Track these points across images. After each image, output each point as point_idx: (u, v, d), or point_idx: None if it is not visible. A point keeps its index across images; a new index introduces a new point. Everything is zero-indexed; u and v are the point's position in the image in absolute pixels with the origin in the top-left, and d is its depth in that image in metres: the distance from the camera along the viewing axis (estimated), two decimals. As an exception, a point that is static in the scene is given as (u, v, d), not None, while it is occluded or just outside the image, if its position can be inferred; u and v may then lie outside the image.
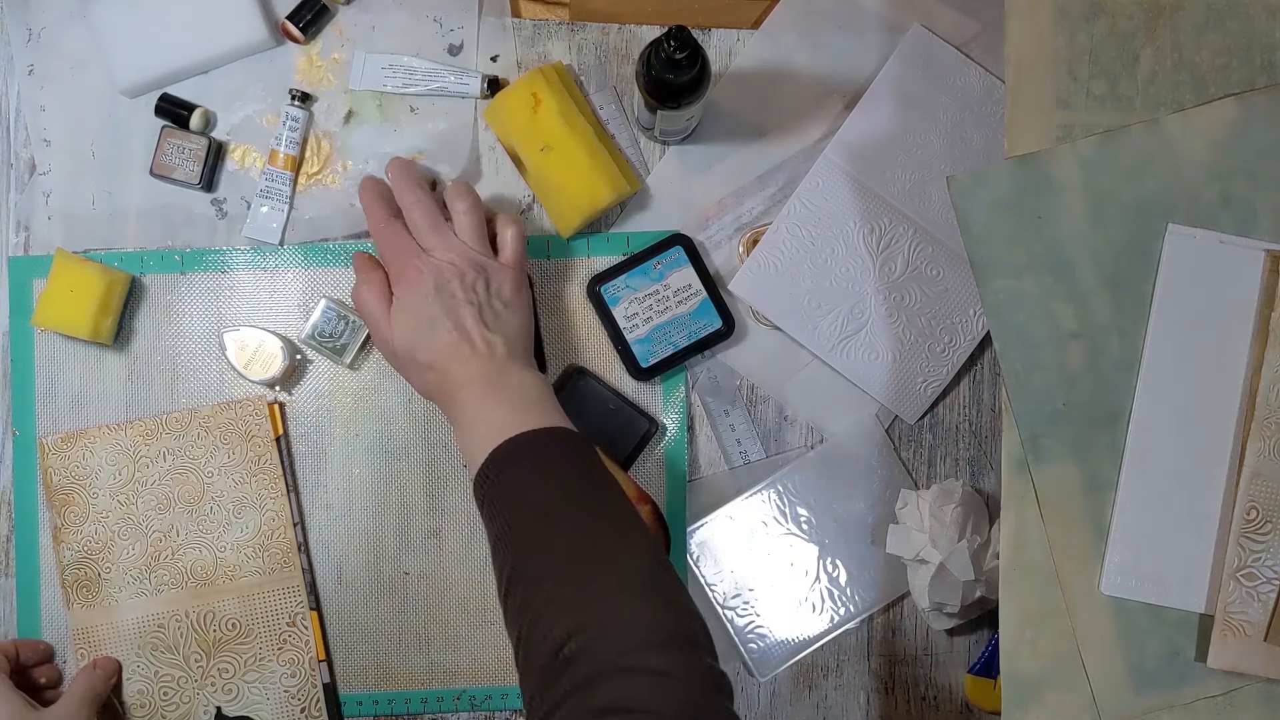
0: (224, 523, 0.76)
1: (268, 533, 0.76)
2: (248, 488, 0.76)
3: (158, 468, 0.76)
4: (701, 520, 0.77)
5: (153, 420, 0.76)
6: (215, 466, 0.76)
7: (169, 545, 0.75)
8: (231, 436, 0.76)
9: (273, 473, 0.76)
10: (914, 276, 0.76)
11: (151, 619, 0.75)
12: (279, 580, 0.76)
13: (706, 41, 0.78)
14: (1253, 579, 0.65)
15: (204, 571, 0.75)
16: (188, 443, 0.76)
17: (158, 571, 0.75)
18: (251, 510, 0.76)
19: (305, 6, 0.77)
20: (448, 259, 0.68)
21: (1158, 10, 0.68)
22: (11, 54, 0.79)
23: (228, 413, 0.76)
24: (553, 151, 0.74)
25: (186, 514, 0.76)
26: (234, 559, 0.76)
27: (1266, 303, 0.66)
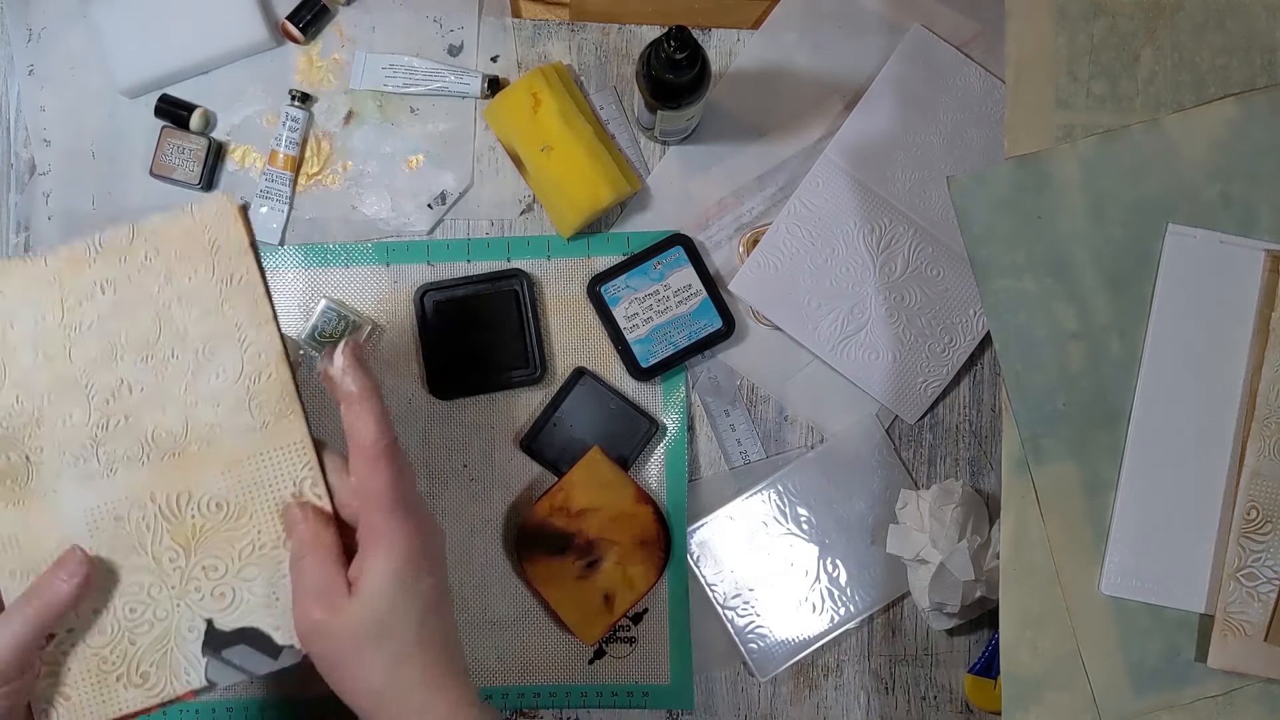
0: (192, 369, 0.57)
1: (253, 375, 0.57)
2: (219, 319, 0.57)
3: (94, 306, 0.57)
4: (701, 520, 0.77)
5: (81, 245, 0.57)
6: (172, 296, 0.57)
7: (120, 408, 0.57)
8: (190, 253, 0.57)
9: (250, 293, 0.57)
10: (914, 276, 0.76)
11: (105, 510, 0.56)
12: (276, 438, 0.57)
13: (706, 41, 0.78)
14: (1253, 579, 0.65)
15: (171, 438, 0.57)
16: (132, 268, 0.57)
17: (108, 445, 0.56)
18: (228, 348, 0.57)
19: (305, 7, 0.77)
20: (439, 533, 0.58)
21: (1158, 10, 0.68)
22: (12, 54, 0.79)
23: (181, 222, 0.57)
24: (553, 151, 0.74)
25: (140, 363, 0.57)
26: (210, 415, 0.57)
27: (1266, 303, 0.66)
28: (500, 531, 0.77)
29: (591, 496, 0.74)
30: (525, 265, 0.78)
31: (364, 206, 0.78)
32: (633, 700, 0.77)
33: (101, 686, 0.56)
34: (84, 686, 0.56)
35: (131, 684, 0.56)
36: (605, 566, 0.74)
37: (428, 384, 0.77)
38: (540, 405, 0.77)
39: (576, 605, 0.74)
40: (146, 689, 0.56)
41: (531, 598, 0.77)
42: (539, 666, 0.77)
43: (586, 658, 0.77)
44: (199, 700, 0.78)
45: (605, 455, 0.74)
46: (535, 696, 0.77)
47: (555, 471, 0.76)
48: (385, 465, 0.53)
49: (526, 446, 0.77)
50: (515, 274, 0.77)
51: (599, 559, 0.74)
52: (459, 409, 0.78)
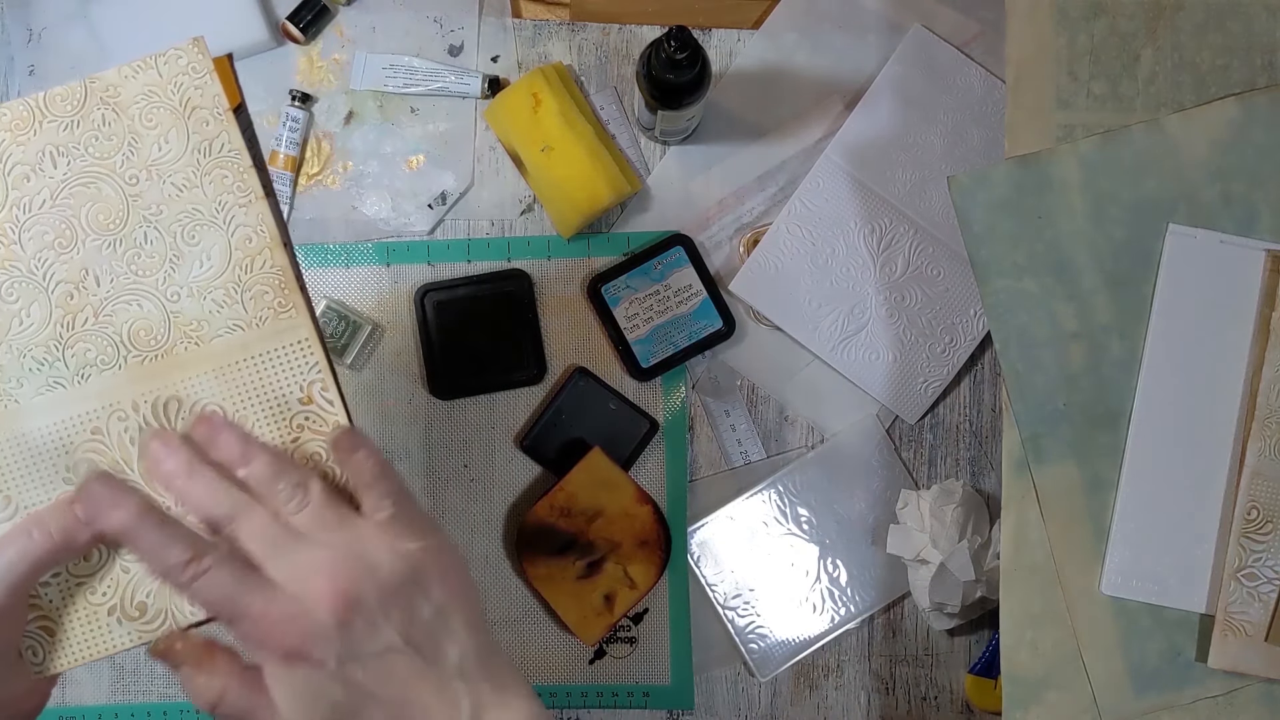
0: (170, 256, 0.49)
1: (243, 262, 0.49)
2: (200, 193, 0.49)
3: (44, 179, 0.48)
4: (702, 520, 0.77)
5: (22, 104, 0.49)
6: (139, 167, 0.49)
7: (87, 303, 0.48)
8: (158, 114, 0.49)
9: (236, 165, 0.49)
10: (914, 276, 0.76)
11: (79, 423, 0.48)
12: (276, 335, 0.49)
13: (706, 41, 0.78)
14: (1253, 579, 0.65)
15: (151, 336, 0.48)
16: (89, 133, 0.49)
17: (76, 346, 0.48)
18: (211, 230, 0.49)
19: (305, 7, 0.77)
20: (319, 588, 0.43)
21: (1158, 10, 0.68)
22: (12, 54, 0.79)
23: (145, 76, 0.48)
24: (553, 151, 0.74)
25: (107, 248, 0.48)
26: (196, 310, 0.49)
27: (1267, 303, 0.66)
28: (500, 531, 0.77)
29: (591, 496, 0.74)
30: (525, 265, 0.78)
31: (364, 207, 0.78)
32: (633, 700, 0.77)
33: (92, 621, 0.48)
34: (73, 621, 0.48)
35: (127, 617, 0.48)
36: (605, 567, 0.74)
37: (428, 384, 0.77)
38: (540, 405, 0.77)
39: (576, 605, 0.74)
40: (144, 622, 0.48)
41: (531, 598, 0.77)
42: (539, 666, 0.77)
43: (586, 658, 0.77)
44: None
45: (605, 455, 0.74)
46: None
47: (555, 471, 0.76)
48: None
49: (526, 446, 0.77)
50: (515, 274, 0.77)
51: (599, 559, 0.74)
52: (459, 409, 0.78)
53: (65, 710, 0.78)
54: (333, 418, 0.49)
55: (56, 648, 0.48)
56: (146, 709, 0.78)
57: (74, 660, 0.48)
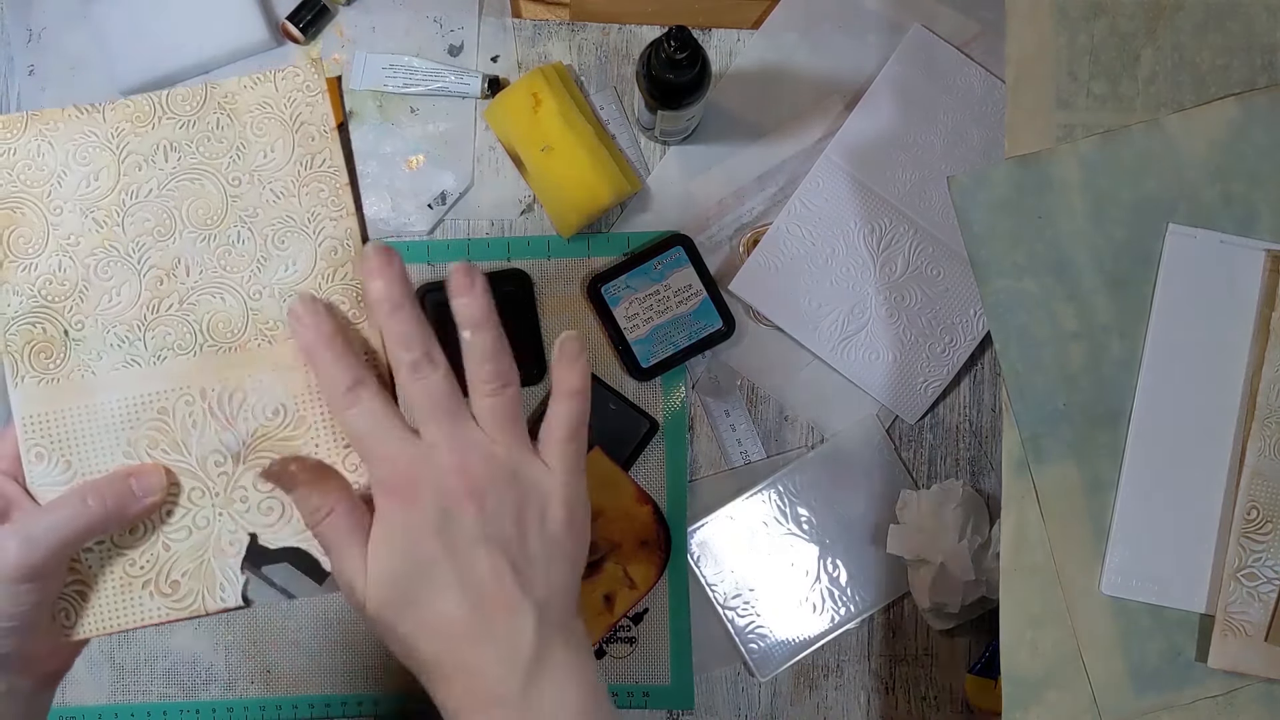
0: (259, 257, 0.52)
1: (327, 272, 0.52)
2: (295, 203, 0.52)
3: (155, 170, 0.52)
4: (702, 520, 0.77)
5: (146, 101, 0.52)
6: (244, 171, 0.52)
7: (174, 290, 0.51)
8: (269, 125, 0.52)
9: (333, 181, 0.52)
10: (914, 276, 0.76)
11: (148, 401, 0.51)
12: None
13: (706, 41, 0.78)
14: (1253, 579, 0.65)
15: (229, 329, 0.51)
16: (202, 133, 0.52)
17: (157, 329, 0.51)
18: (300, 237, 0.52)
19: (305, 7, 0.77)
20: (458, 462, 0.46)
21: (1158, 10, 0.68)
22: (12, 54, 0.79)
23: (262, 89, 0.52)
24: (553, 151, 0.74)
25: (202, 242, 0.52)
26: (275, 311, 0.52)
27: (1267, 303, 0.66)
28: (500, 531, 0.77)
29: (591, 496, 0.73)
30: (525, 265, 0.78)
31: (364, 206, 0.78)
32: (633, 700, 0.77)
33: (126, 591, 0.50)
34: (107, 589, 0.50)
35: (160, 593, 0.50)
36: (605, 566, 0.74)
37: (428, 384, 0.77)
38: (540, 405, 0.77)
39: (576, 605, 0.74)
40: (174, 600, 0.50)
41: (531, 598, 0.77)
42: (539, 666, 0.77)
43: (586, 658, 0.77)
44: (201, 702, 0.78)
45: (605, 455, 0.74)
46: (535, 696, 0.77)
47: (555, 471, 0.76)
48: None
49: (526, 446, 0.77)
50: (515, 274, 0.77)
51: (599, 559, 0.74)
52: (459, 409, 0.78)
53: (65, 710, 0.77)
54: None
55: (87, 613, 0.50)
56: (146, 709, 0.78)
57: (102, 628, 0.50)
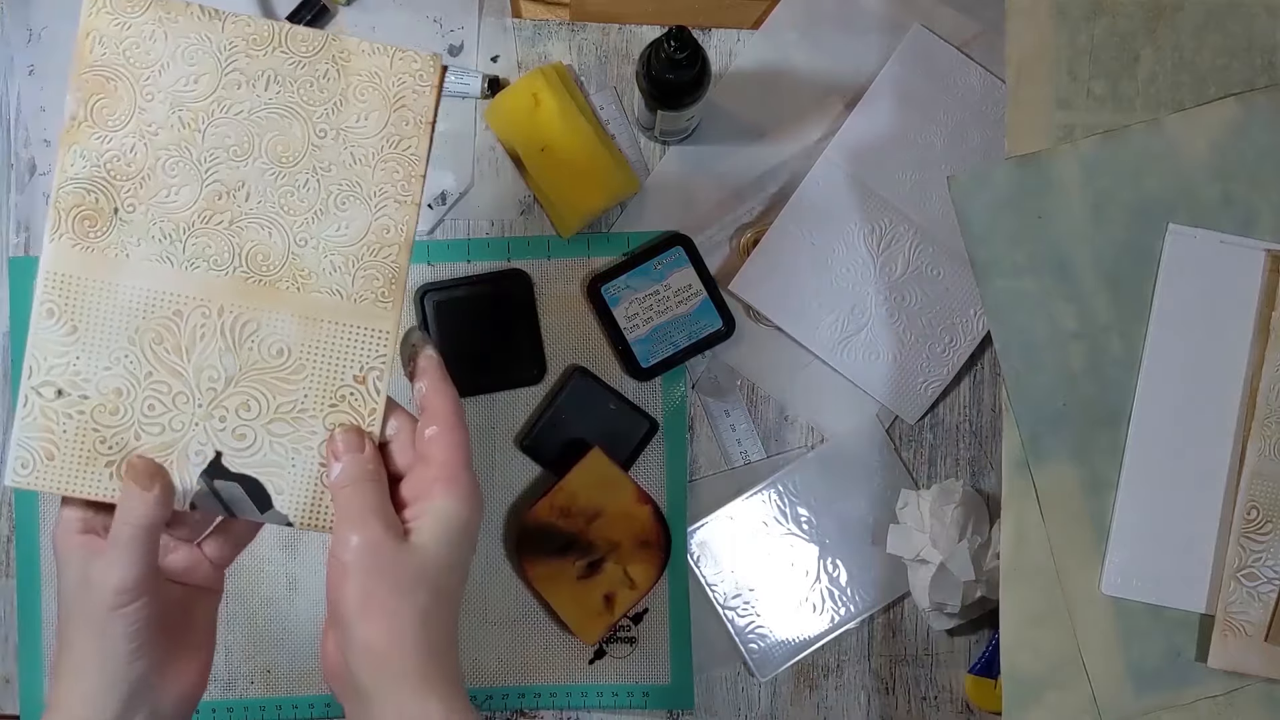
0: (319, 208, 0.53)
1: (374, 246, 0.53)
2: (368, 172, 0.53)
3: (252, 94, 0.53)
4: (702, 520, 0.77)
5: (267, 26, 0.53)
6: (334, 125, 0.53)
7: (229, 208, 0.53)
8: (372, 94, 0.53)
9: (409, 167, 0.54)
10: (914, 276, 0.76)
11: (167, 300, 0.52)
12: (366, 316, 0.54)
13: (706, 41, 0.78)
14: (1253, 579, 0.65)
15: (266, 264, 0.53)
16: (309, 77, 0.53)
17: (201, 238, 0.52)
18: (361, 205, 0.53)
19: (305, 7, 0.77)
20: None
21: (1158, 10, 0.68)
22: (12, 54, 0.79)
23: (378, 59, 0.53)
24: (553, 151, 0.74)
25: (270, 175, 0.53)
26: (314, 261, 0.53)
27: (1267, 303, 0.66)
28: (500, 531, 0.77)
29: (591, 496, 0.74)
30: (525, 265, 0.78)
31: (364, 206, 0.78)
32: (633, 700, 0.77)
33: (88, 463, 0.52)
34: (70, 453, 0.52)
35: (117, 475, 0.52)
36: (605, 566, 0.74)
37: (428, 384, 0.77)
38: (540, 405, 0.77)
39: (576, 605, 0.74)
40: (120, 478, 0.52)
41: (531, 598, 0.77)
42: (539, 666, 0.77)
43: (586, 658, 0.77)
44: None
45: (605, 455, 0.74)
46: (535, 696, 0.77)
47: (555, 471, 0.76)
48: (463, 425, 0.54)
49: (526, 446, 0.77)
50: (515, 274, 0.77)
51: (599, 559, 0.74)
52: (459, 409, 0.78)
53: (65, 710, 0.77)
54: (372, 405, 0.54)
55: (46, 469, 0.52)
56: (146, 709, 0.78)
57: (53, 486, 0.52)
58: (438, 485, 0.52)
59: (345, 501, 0.52)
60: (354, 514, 0.51)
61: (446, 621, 0.52)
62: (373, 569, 0.50)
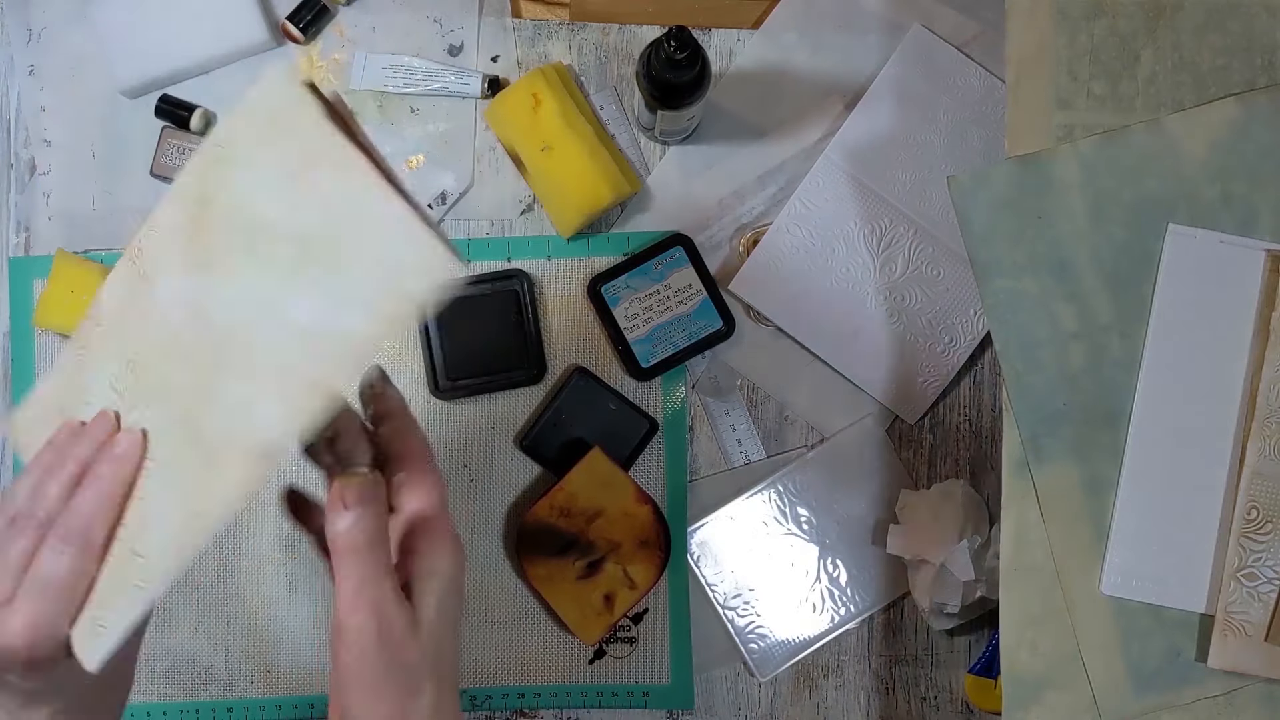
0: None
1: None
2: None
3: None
4: (702, 520, 0.77)
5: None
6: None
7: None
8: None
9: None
10: (914, 276, 0.76)
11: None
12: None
13: (706, 41, 0.78)
14: (1253, 579, 0.65)
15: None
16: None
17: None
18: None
19: (305, 7, 0.77)
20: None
21: (1158, 10, 0.68)
22: (12, 54, 0.79)
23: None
24: (553, 151, 0.74)
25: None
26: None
27: (1267, 303, 0.66)
28: (500, 531, 0.77)
29: (591, 496, 0.74)
30: (525, 265, 0.78)
31: (364, 206, 0.78)
32: (633, 700, 0.77)
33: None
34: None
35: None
36: (605, 566, 0.74)
37: (428, 384, 0.77)
38: (540, 405, 0.77)
39: (576, 605, 0.74)
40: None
41: (531, 598, 0.77)
42: (539, 666, 0.77)
43: (586, 658, 0.77)
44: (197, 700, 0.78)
45: (605, 455, 0.74)
46: (535, 696, 0.77)
47: (555, 471, 0.76)
48: (436, 469, 0.49)
49: (526, 446, 0.77)
50: (515, 274, 0.77)
51: (599, 559, 0.74)
52: (459, 409, 0.78)
53: (65, 710, 0.77)
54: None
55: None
56: (146, 709, 0.78)
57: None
58: (422, 541, 0.48)
59: (355, 568, 0.45)
60: (365, 586, 0.45)
61: (450, 700, 0.48)
62: (381, 657, 0.45)
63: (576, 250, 0.78)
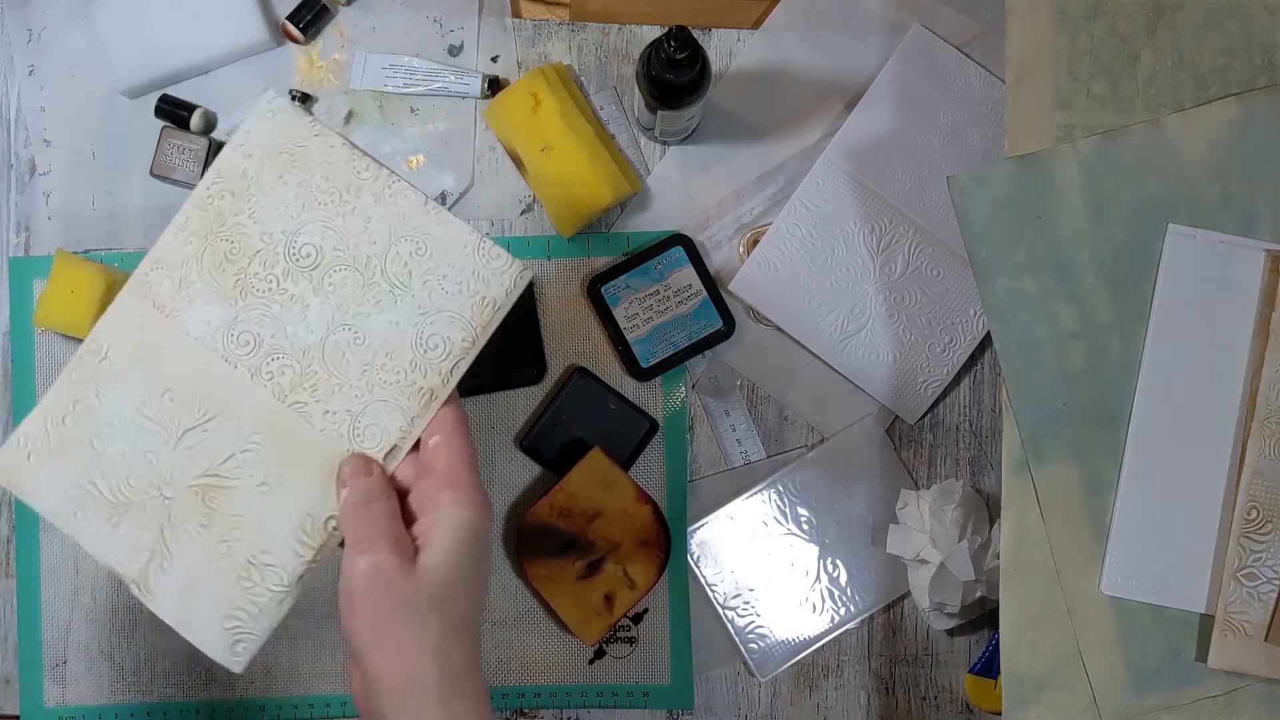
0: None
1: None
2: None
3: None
4: (702, 520, 0.77)
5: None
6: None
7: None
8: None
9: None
10: (914, 276, 0.76)
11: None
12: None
13: (706, 41, 0.78)
14: (1253, 579, 0.65)
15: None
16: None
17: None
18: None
19: (305, 7, 0.77)
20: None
21: (1158, 10, 0.68)
22: (12, 54, 0.79)
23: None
24: (553, 151, 0.74)
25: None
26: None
27: (1267, 303, 0.66)
28: (500, 531, 0.77)
29: (591, 496, 0.74)
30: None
31: (364, 206, 0.78)
32: (633, 700, 0.77)
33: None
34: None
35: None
36: (605, 566, 0.74)
37: (428, 384, 0.77)
38: (540, 405, 0.77)
39: (576, 605, 0.74)
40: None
41: (531, 598, 0.77)
42: (539, 666, 0.77)
43: (586, 658, 0.77)
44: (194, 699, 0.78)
45: (605, 455, 0.74)
46: (535, 696, 0.77)
47: (555, 471, 0.76)
48: (466, 431, 0.54)
49: (526, 446, 0.77)
50: (515, 274, 0.77)
51: (599, 559, 0.74)
52: (459, 409, 0.78)
53: (65, 710, 0.78)
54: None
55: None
56: (146, 709, 0.78)
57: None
58: (444, 493, 0.52)
59: (351, 526, 0.52)
60: (360, 538, 0.51)
61: (464, 644, 0.51)
62: (381, 598, 0.49)
63: (576, 250, 0.78)
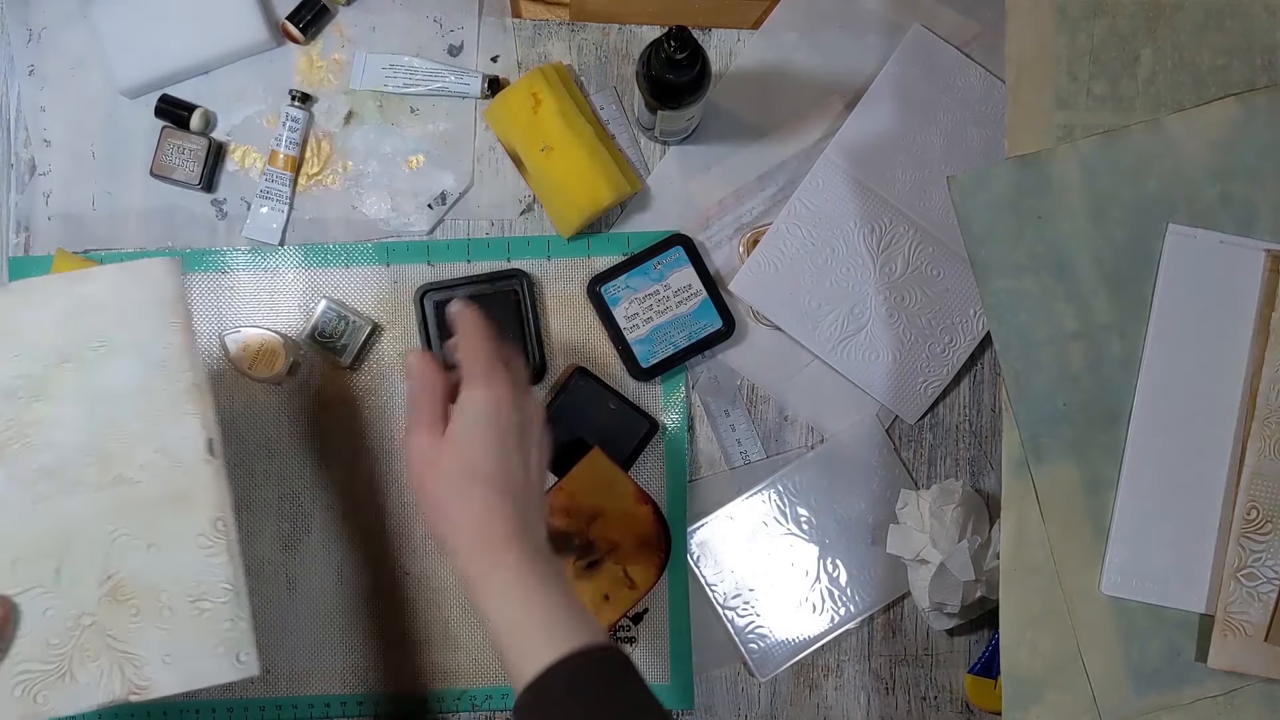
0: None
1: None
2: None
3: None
4: (702, 520, 0.77)
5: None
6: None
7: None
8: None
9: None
10: (914, 276, 0.76)
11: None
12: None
13: (706, 41, 0.78)
14: (1253, 579, 0.65)
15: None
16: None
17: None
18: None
19: (305, 7, 0.77)
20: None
21: (1158, 10, 0.68)
22: (12, 54, 0.79)
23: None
24: (553, 151, 0.74)
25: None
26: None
27: (1267, 303, 0.66)
28: (500, 531, 0.77)
29: (591, 496, 0.74)
30: (525, 265, 0.78)
31: (364, 207, 0.78)
32: (633, 700, 0.77)
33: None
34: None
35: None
36: (605, 566, 0.74)
37: (428, 384, 0.77)
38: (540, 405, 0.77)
39: (576, 605, 0.74)
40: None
41: (531, 598, 0.77)
42: (539, 666, 0.77)
43: (586, 658, 0.77)
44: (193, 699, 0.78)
45: (605, 455, 0.74)
46: (535, 696, 0.77)
47: (555, 471, 0.76)
48: (487, 335, 0.61)
49: (526, 446, 0.77)
50: (515, 274, 0.77)
51: (599, 559, 0.74)
52: (459, 409, 0.78)
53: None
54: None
55: None
56: (146, 709, 0.78)
57: None
58: (463, 390, 0.60)
59: (407, 414, 0.62)
60: (409, 425, 0.61)
61: (511, 508, 0.58)
62: (419, 466, 0.59)
63: (576, 250, 0.78)
